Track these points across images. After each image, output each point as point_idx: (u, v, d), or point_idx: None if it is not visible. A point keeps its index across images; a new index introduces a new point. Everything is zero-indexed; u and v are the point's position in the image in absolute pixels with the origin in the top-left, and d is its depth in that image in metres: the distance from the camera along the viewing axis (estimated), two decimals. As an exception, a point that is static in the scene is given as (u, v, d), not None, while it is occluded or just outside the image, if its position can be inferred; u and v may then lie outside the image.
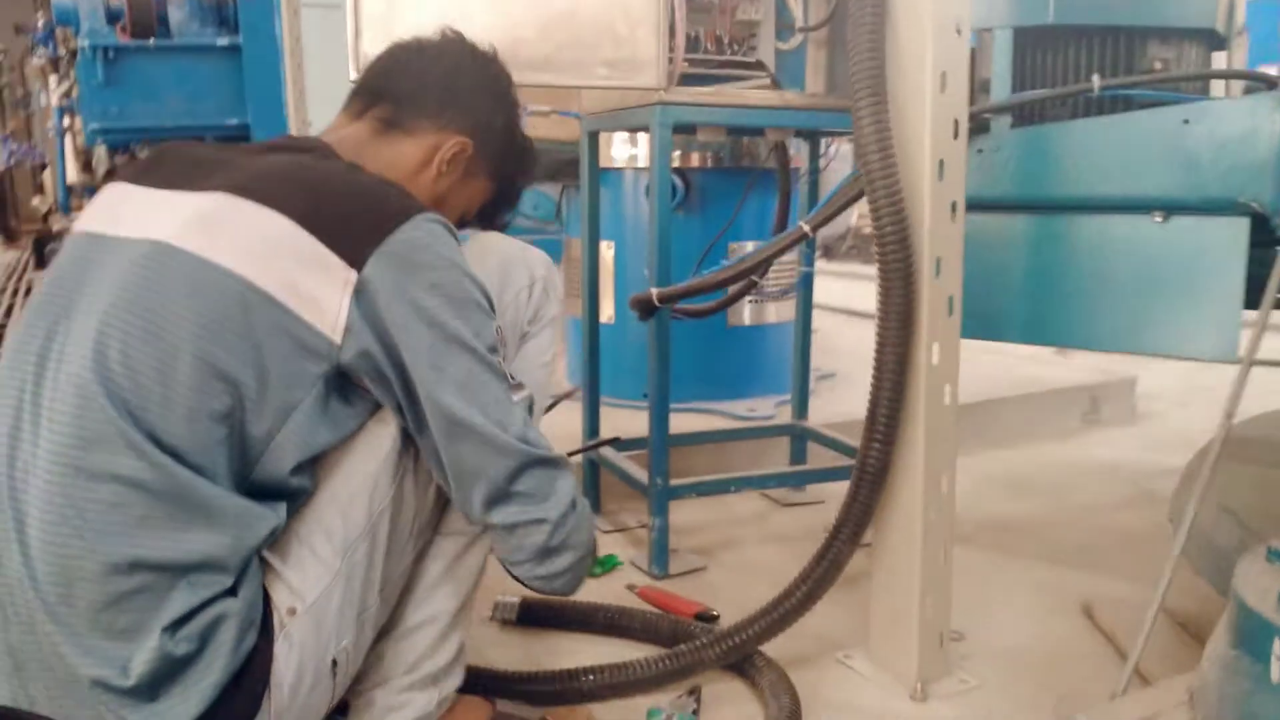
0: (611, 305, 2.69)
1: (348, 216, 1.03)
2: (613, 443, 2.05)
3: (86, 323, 0.97)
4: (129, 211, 1.07)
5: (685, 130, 1.89)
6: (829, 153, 2.13)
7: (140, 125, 5.22)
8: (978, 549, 2.01)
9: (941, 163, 1.35)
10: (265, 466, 1.00)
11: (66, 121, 6.40)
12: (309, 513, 1.04)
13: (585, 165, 2.08)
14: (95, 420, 0.93)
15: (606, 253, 2.67)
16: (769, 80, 2.10)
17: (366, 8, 1.54)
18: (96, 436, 0.93)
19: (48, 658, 0.93)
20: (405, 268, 1.01)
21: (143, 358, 0.95)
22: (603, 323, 2.41)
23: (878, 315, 1.36)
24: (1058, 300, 1.63)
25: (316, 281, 0.99)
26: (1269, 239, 1.42)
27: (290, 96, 3.91)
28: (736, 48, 2.09)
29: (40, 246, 7.25)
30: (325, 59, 3.71)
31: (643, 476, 1.87)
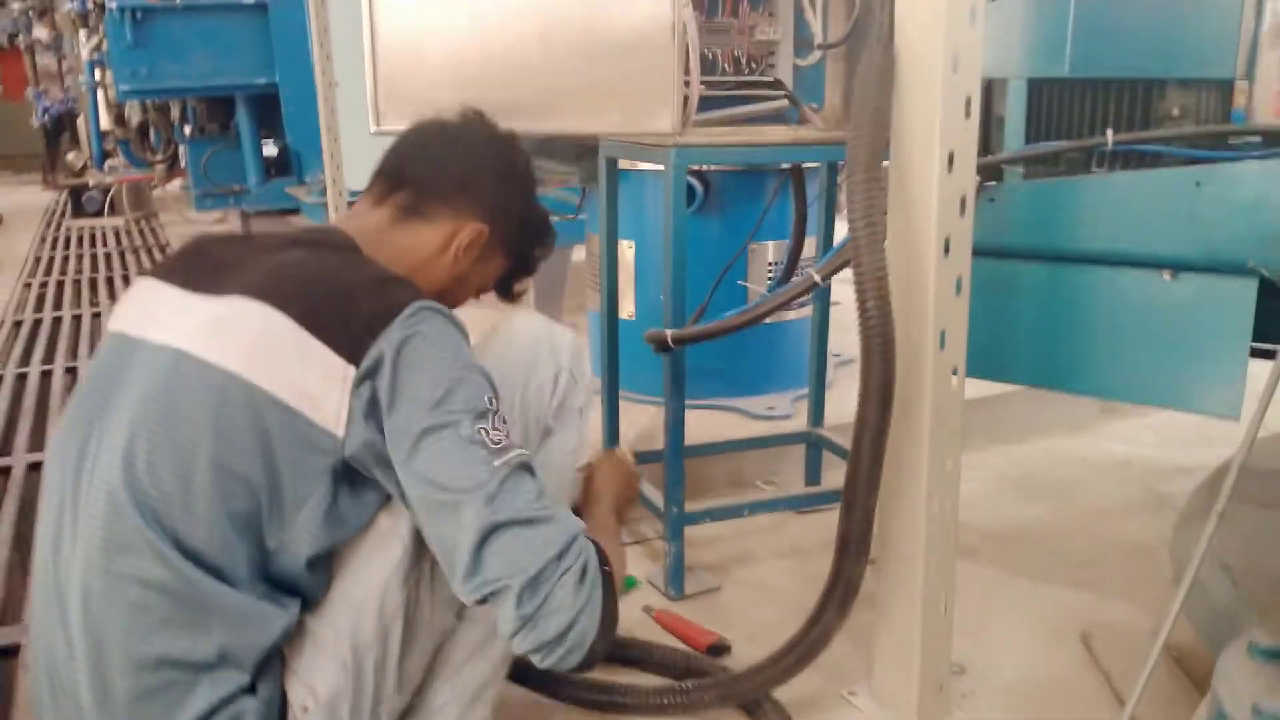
0: (632, 303, 2.73)
1: (347, 314, 1.08)
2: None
3: (118, 429, 1.05)
4: (156, 315, 1.14)
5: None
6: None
7: (170, 86, 5.26)
8: (983, 563, 2.07)
9: (947, 240, 1.37)
10: (281, 561, 1.07)
11: (98, 75, 6.44)
12: (324, 610, 1.11)
13: (604, 177, 2.10)
14: (123, 526, 1.02)
15: (627, 252, 2.70)
16: (786, 98, 2.10)
17: (384, 72, 1.57)
18: (124, 542, 1.02)
19: None
20: (398, 359, 1.06)
21: (165, 465, 1.03)
22: (624, 318, 2.45)
23: (859, 386, 1.38)
24: (1066, 347, 1.66)
25: (317, 379, 1.05)
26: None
27: (317, 59, 3.92)
28: (754, 66, 2.09)
29: (76, 196, 7.40)
30: (353, 18, 3.72)
31: (658, 499, 1.94)
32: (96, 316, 4.46)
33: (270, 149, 5.80)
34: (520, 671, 1.48)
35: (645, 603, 1.91)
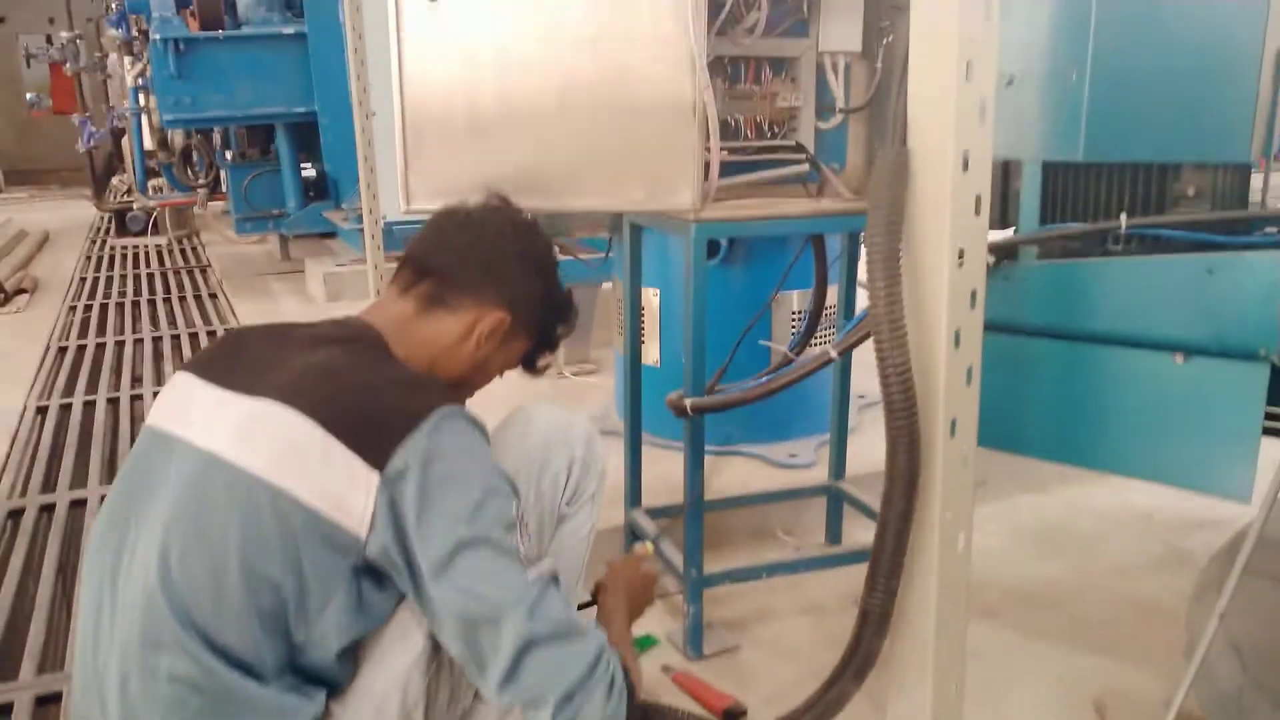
0: (657, 350, 2.78)
1: (372, 420, 1.13)
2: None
3: (153, 529, 1.12)
4: (191, 413, 1.20)
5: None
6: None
7: (212, 115, 5.38)
8: (1001, 625, 2.09)
9: (958, 333, 1.40)
10: (310, 654, 1.13)
11: (142, 100, 6.59)
12: (348, 700, 1.16)
13: (626, 242, 2.15)
14: (158, 624, 1.08)
15: (653, 300, 2.75)
16: (807, 163, 2.13)
17: (413, 150, 1.63)
18: (158, 640, 1.08)
19: None
20: (422, 468, 1.10)
21: (198, 566, 1.09)
22: (648, 365, 2.50)
23: (885, 475, 1.42)
24: (1078, 423, 1.68)
25: (342, 483, 1.10)
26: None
27: (354, 92, 3.99)
28: (776, 130, 2.13)
29: (120, 216, 7.61)
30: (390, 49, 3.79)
31: (678, 559, 1.98)
32: (139, 343, 4.58)
33: (309, 171, 5.91)
34: None
35: (665, 661, 1.95)
